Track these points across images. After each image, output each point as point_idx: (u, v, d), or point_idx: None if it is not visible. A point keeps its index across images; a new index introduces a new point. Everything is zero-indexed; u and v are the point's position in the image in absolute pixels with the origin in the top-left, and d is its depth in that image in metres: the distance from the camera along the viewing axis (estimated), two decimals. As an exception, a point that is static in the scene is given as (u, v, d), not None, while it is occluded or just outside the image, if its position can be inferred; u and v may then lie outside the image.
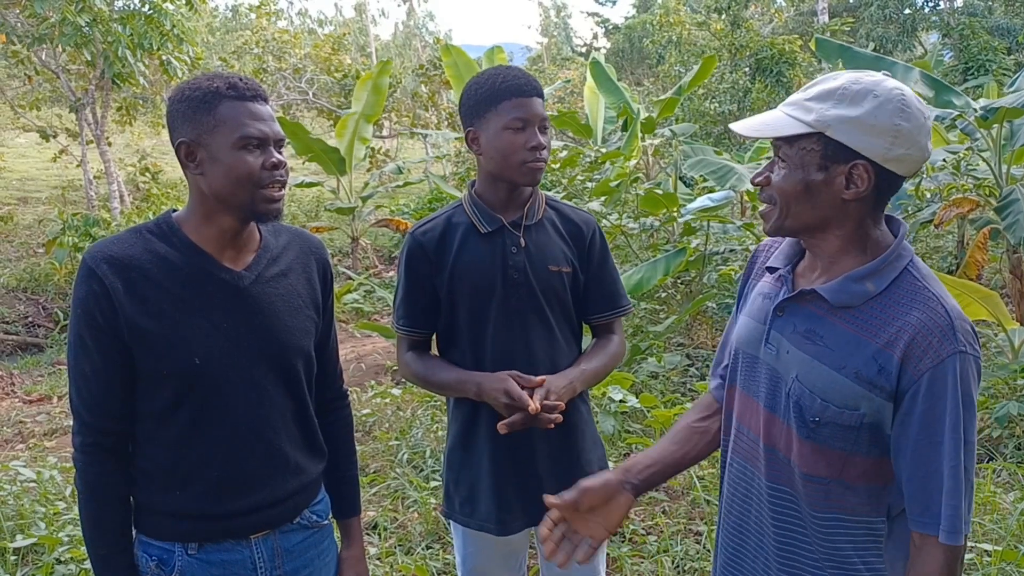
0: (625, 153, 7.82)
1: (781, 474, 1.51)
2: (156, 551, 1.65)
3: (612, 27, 29.09)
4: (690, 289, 6.77)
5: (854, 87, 1.37)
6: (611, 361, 2.20)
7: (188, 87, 1.59)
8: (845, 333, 1.41)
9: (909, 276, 1.42)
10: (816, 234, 1.45)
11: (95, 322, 1.55)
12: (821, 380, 1.41)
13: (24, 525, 3.49)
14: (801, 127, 1.38)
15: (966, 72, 17.19)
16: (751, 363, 1.58)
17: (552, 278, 2.11)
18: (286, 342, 1.68)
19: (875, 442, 1.41)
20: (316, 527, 1.81)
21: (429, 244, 2.13)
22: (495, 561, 2.26)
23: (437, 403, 5.37)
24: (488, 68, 2.13)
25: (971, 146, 6.37)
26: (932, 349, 1.34)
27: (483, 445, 2.13)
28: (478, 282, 2.09)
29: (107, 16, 10.46)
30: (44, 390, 7.01)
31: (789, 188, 1.42)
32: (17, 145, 20.53)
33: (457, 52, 10.07)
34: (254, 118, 1.57)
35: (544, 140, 2.04)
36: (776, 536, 1.53)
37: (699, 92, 14.93)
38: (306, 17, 32.82)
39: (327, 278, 1.83)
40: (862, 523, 1.45)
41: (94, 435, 1.60)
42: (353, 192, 11.19)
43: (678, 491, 4.01)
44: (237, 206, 1.59)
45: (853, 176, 1.38)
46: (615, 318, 2.23)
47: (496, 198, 2.12)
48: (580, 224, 2.18)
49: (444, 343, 2.20)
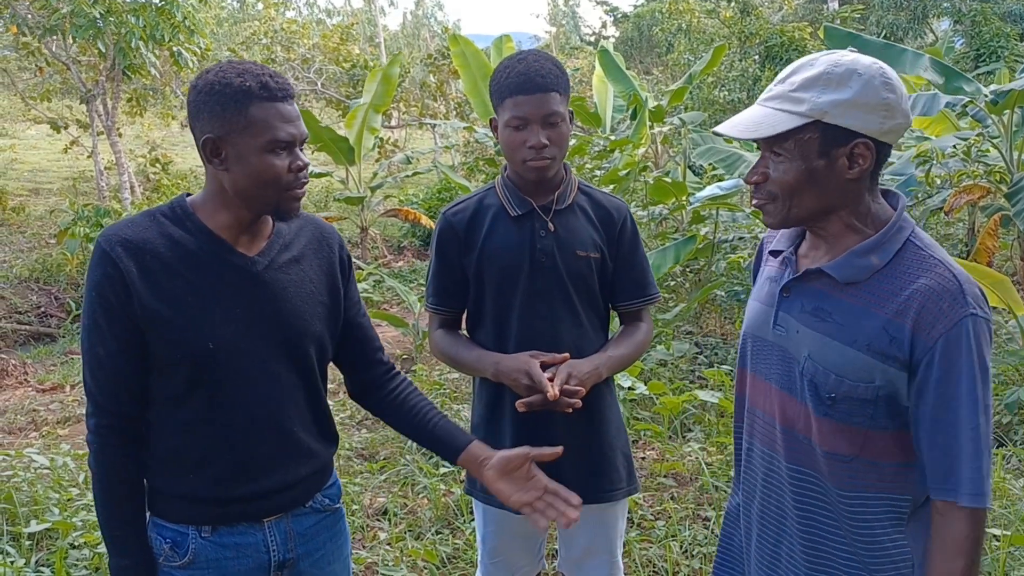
0: (634, 141, 7.81)
1: (801, 455, 1.51)
2: (170, 533, 1.67)
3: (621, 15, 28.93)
4: (699, 277, 6.76)
5: (837, 70, 1.39)
6: (638, 349, 2.21)
7: (217, 81, 1.56)
8: (854, 308, 1.42)
9: (912, 246, 1.43)
10: (821, 219, 1.47)
11: (109, 305, 1.56)
12: (834, 356, 1.43)
13: (38, 511, 3.53)
14: (797, 120, 1.39)
15: (977, 59, 17.05)
16: (761, 346, 1.59)
17: (579, 263, 2.12)
18: (298, 327, 1.69)
19: (892, 415, 1.42)
20: (328, 511, 1.82)
21: (460, 225, 2.16)
22: (515, 542, 2.28)
23: (446, 391, 5.40)
24: (509, 56, 2.12)
25: (982, 132, 6.34)
26: (944, 314, 1.35)
27: (506, 426, 2.15)
28: (506, 264, 2.11)
29: (120, 8, 10.47)
30: (57, 379, 7.05)
31: (792, 180, 1.42)
32: (28, 137, 20.61)
33: (465, 42, 10.06)
34: (284, 120, 1.56)
35: (546, 137, 2.01)
36: (799, 518, 1.54)
37: (708, 80, 14.85)
38: (315, 7, 32.81)
39: (344, 261, 1.84)
40: (887, 500, 1.46)
41: (108, 417, 1.62)
42: (362, 182, 11.20)
43: (686, 477, 4.02)
44: (260, 204, 1.61)
45: (855, 155, 1.40)
46: (643, 306, 2.23)
47: (526, 182, 2.13)
48: (611, 210, 2.18)
49: (472, 323, 2.23)
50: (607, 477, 2.20)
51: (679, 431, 4.55)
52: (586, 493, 2.17)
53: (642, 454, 4.33)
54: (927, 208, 6.64)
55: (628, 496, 2.27)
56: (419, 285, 10.11)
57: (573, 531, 2.27)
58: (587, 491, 2.17)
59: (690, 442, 4.33)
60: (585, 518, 2.23)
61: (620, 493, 2.22)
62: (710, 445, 4.26)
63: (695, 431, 4.54)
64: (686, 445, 4.29)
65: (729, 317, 6.52)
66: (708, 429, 4.53)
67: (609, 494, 2.20)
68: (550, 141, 2.02)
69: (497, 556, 2.29)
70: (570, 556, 2.32)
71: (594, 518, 2.23)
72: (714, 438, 4.33)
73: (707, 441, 4.34)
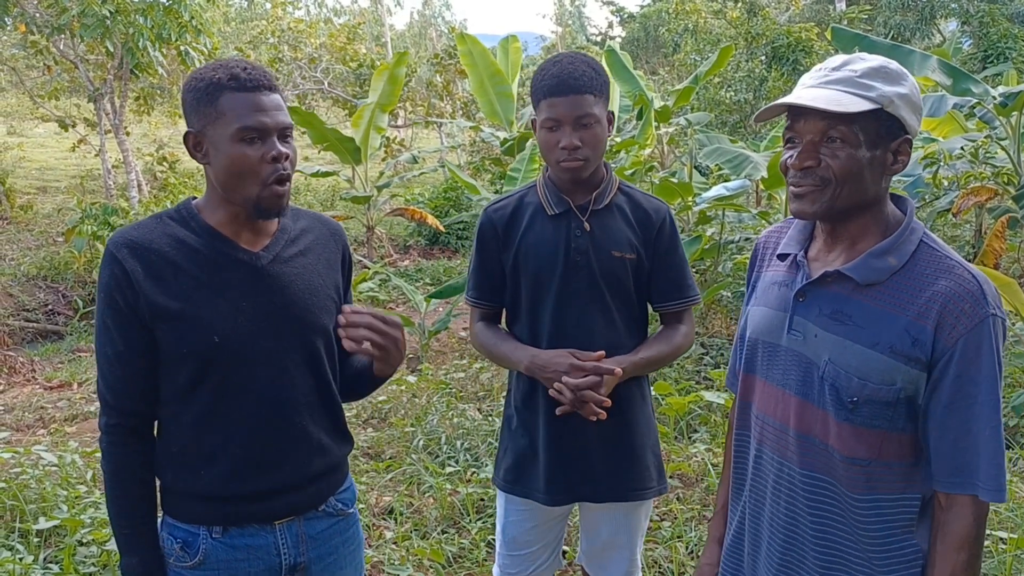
0: (640, 142, 7.80)
1: (817, 461, 1.50)
2: (181, 533, 1.67)
3: (627, 16, 28.92)
4: (705, 278, 6.76)
5: (891, 67, 1.42)
6: (672, 351, 2.21)
7: (195, 77, 1.60)
8: (874, 310, 1.43)
9: (926, 248, 1.44)
10: (855, 214, 1.46)
11: (116, 305, 1.59)
12: (856, 359, 1.42)
13: (46, 508, 3.54)
14: (867, 104, 1.38)
15: (985, 60, 16.98)
16: (771, 351, 1.57)
17: (614, 263, 2.13)
18: (305, 320, 1.70)
19: (911, 416, 1.43)
20: (341, 515, 1.82)
21: (499, 221, 2.19)
22: (534, 533, 2.29)
23: (452, 390, 5.41)
24: (548, 58, 2.15)
25: (989, 134, 6.32)
26: (965, 315, 1.36)
27: (540, 421, 2.17)
28: (541, 262, 2.13)
29: (129, 7, 10.50)
30: (64, 377, 7.08)
31: (849, 166, 1.40)
32: (36, 135, 20.69)
33: (472, 41, 10.06)
34: (254, 108, 1.56)
35: (579, 139, 2.03)
36: (812, 524, 1.53)
37: (715, 81, 14.84)
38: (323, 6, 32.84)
39: (346, 261, 1.85)
40: (899, 501, 1.46)
41: (118, 417, 1.64)
42: (368, 181, 11.21)
43: (692, 478, 4.02)
44: (240, 199, 1.61)
45: (899, 151, 1.43)
46: (681, 307, 2.23)
47: (565, 181, 2.15)
48: (650, 211, 2.19)
49: (510, 317, 2.27)
50: (639, 476, 2.21)
51: (685, 432, 4.55)
52: (617, 490, 2.18)
53: (648, 455, 4.33)
54: (934, 209, 6.62)
55: (658, 495, 2.28)
56: (425, 284, 10.13)
57: (597, 524, 2.29)
58: (618, 488, 2.19)
59: (696, 443, 4.33)
60: (611, 513, 2.24)
61: (651, 492, 2.23)
62: (716, 446, 4.26)
63: (701, 432, 4.54)
64: (692, 446, 4.29)
65: (735, 318, 6.51)
66: (714, 430, 4.53)
67: (640, 492, 2.21)
68: (583, 143, 2.04)
69: (517, 548, 2.30)
70: (591, 549, 2.33)
71: (620, 514, 2.24)
72: (720, 439, 4.33)
73: (713, 442, 4.34)
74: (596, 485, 2.18)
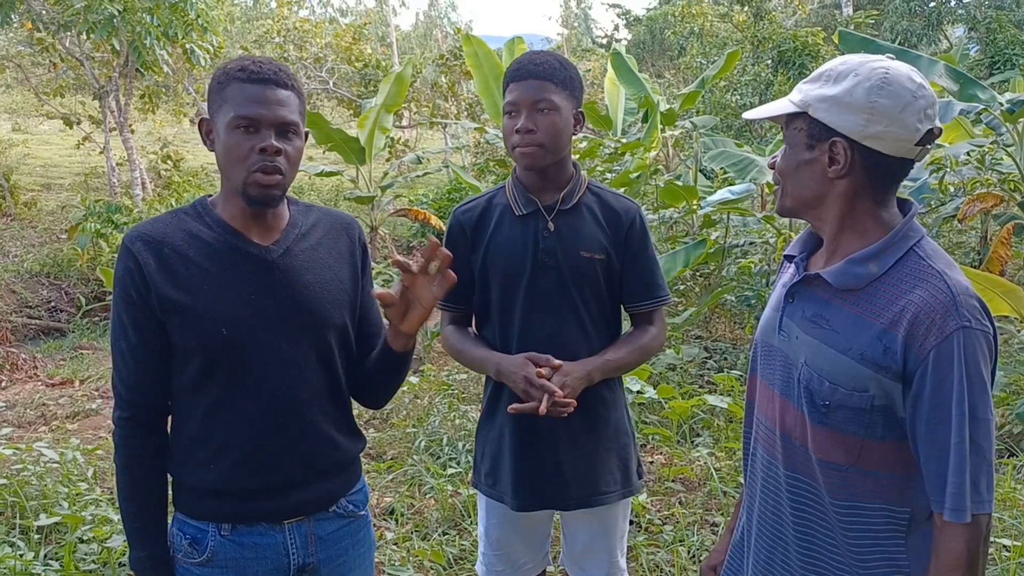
0: (645, 144, 7.79)
1: (798, 462, 1.51)
2: (190, 530, 1.68)
3: (633, 18, 28.88)
4: (709, 282, 6.75)
5: (840, 67, 1.42)
6: (640, 353, 2.19)
7: (218, 69, 1.66)
8: (849, 315, 1.42)
9: (914, 255, 1.41)
10: (813, 213, 1.49)
11: (130, 298, 1.61)
12: (828, 363, 1.42)
13: (47, 505, 3.54)
14: (789, 107, 1.45)
15: (992, 66, 16.95)
16: (768, 351, 1.59)
17: (583, 264, 2.11)
18: (317, 314, 1.70)
19: (889, 426, 1.41)
20: (352, 517, 1.81)
21: (468, 223, 2.17)
22: (516, 536, 2.28)
23: (454, 391, 5.40)
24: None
25: (996, 140, 6.30)
26: (936, 326, 1.33)
27: (505, 419, 2.15)
28: (508, 263, 2.12)
29: (136, 5, 10.51)
30: (66, 374, 7.08)
31: (786, 168, 1.48)
32: (41, 132, 20.73)
33: (477, 43, 10.04)
34: (254, 100, 1.58)
35: (533, 123, 2.01)
36: (795, 525, 1.53)
37: (720, 84, 14.83)
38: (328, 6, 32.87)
39: (362, 251, 1.83)
40: (882, 512, 1.44)
41: (131, 410, 1.65)
42: (372, 182, 11.21)
43: (694, 482, 4.01)
44: (232, 186, 1.63)
45: (833, 154, 1.41)
46: (652, 308, 2.21)
47: (531, 180, 2.13)
48: (619, 211, 2.17)
49: (479, 320, 2.25)
50: (601, 480, 2.19)
51: (688, 436, 4.54)
52: (580, 497, 2.18)
53: (650, 458, 4.32)
54: (940, 215, 6.61)
55: (624, 499, 2.25)
56: (428, 285, 10.10)
57: (574, 529, 2.29)
58: (581, 494, 2.17)
59: (699, 447, 4.31)
60: (586, 519, 2.24)
61: (612, 496, 2.21)
62: (719, 450, 4.25)
63: (704, 436, 4.52)
64: (695, 450, 4.27)
65: (739, 322, 6.50)
66: (717, 434, 4.51)
67: (601, 498, 2.19)
68: (537, 126, 2.02)
69: (499, 549, 2.29)
70: (571, 552, 2.33)
71: (593, 518, 2.23)
72: (723, 443, 4.32)
73: (716, 446, 4.32)
74: (561, 491, 2.16)
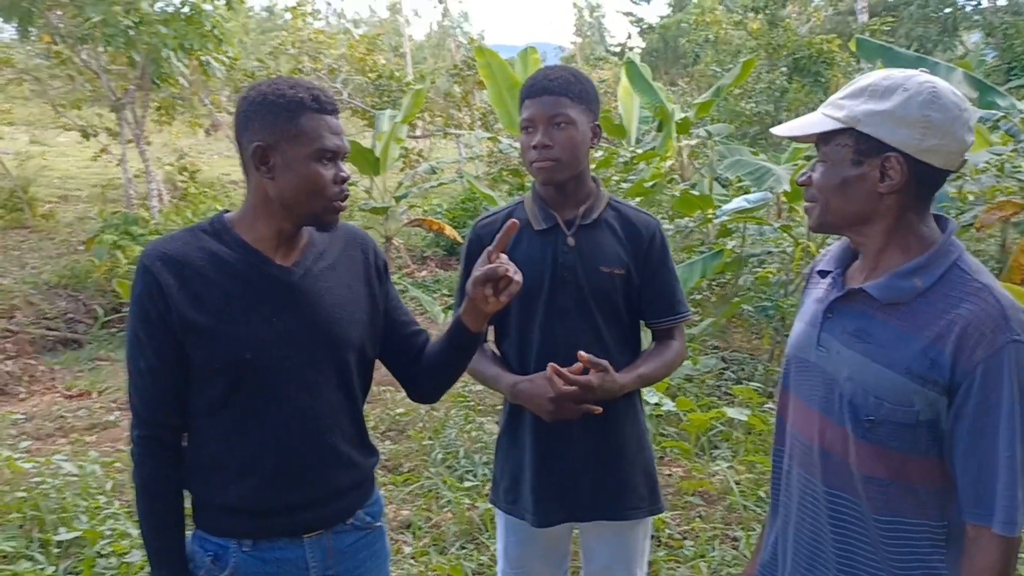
0: (660, 153, 7.76)
1: (839, 479, 1.49)
2: (212, 546, 1.68)
3: (647, 26, 28.88)
4: (726, 292, 6.71)
5: (884, 83, 1.40)
6: (667, 368, 2.19)
7: (271, 92, 1.61)
8: (895, 330, 1.41)
9: (957, 270, 1.41)
10: (857, 228, 1.47)
11: (148, 318, 1.60)
12: (873, 378, 1.41)
13: (67, 519, 3.55)
14: (832, 123, 1.43)
15: (1009, 72, 16.84)
16: (804, 368, 1.58)
17: (602, 279, 2.10)
18: (336, 334, 1.70)
19: (934, 440, 1.40)
20: (369, 528, 1.82)
21: (487, 237, 2.16)
22: (535, 553, 2.26)
23: (471, 403, 5.38)
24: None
25: (1016, 148, 6.24)
26: (985, 339, 1.33)
27: (526, 436, 2.15)
28: (527, 278, 2.10)
29: (152, 18, 10.59)
30: (84, 385, 7.10)
31: (828, 184, 1.46)
32: (58, 144, 20.88)
33: (491, 54, 10.06)
34: (332, 132, 1.61)
35: (550, 138, 2.02)
36: (836, 543, 1.52)
37: (735, 92, 14.79)
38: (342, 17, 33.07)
39: (379, 267, 1.84)
40: (924, 527, 1.44)
41: (149, 429, 1.65)
42: (387, 192, 11.24)
43: (714, 496, 3.97)
44: (302, 214, 1.64)
45: (887, 169, 1.40)
46: (672, 324, 2.21)
47: (550, 195, 2.13)
48: (639, 226, 2.17)
49: (498, 334, 2.25)
50: (626, 495, 2.17)
51: (706, 448, 4.50)
52: (604, 510, 2.15)
53: (668, 471, 4.29)
54: (959, 224, 6.54)
55: (649, 516, 2.24)
56: (443, 295, 10.11)
57: (593, 548, 2.26)
58: (605, 508, 2.15)
59: (718, 460, 4.28)
60: (605, 534, 2.22)
61: (640, 512, 2.20)
62: (738, 463, 4.21)
63: (722, 448, 4.49)
64: (714, 463, 4.24)
65: (756, 332, 6.46)
66: (736, 447, 4.47)
67: (628, 512, 2.18)
68: (554, 142, 2.03)
69: (519, 567, 2.27)
70: (590, 571, 2.30)
71: (614, 535, 2.21)
72: (742, 456, 4.28)
73: (735, 459, 4.29)
74: (584, 505, 2.15)
